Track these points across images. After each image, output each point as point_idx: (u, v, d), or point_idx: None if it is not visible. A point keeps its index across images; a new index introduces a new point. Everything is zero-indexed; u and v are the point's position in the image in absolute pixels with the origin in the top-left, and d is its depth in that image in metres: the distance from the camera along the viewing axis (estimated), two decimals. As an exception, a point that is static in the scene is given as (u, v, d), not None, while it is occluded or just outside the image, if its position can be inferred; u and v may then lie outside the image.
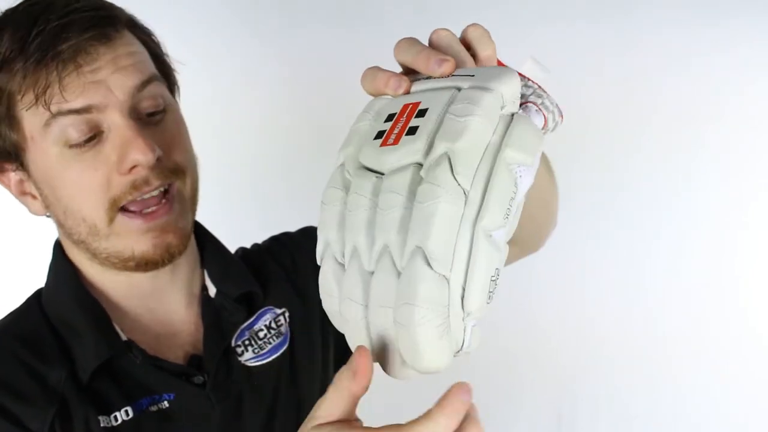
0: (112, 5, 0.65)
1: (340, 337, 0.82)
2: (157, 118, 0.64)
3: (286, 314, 0.77)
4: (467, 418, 0.39)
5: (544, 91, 0.46)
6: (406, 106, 0.43)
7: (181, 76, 0.72)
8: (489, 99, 0.40)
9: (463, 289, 0.39)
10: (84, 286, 0.69)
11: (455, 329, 0.40)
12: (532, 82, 0.46)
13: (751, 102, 1.28)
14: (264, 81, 1.25)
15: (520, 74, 0.45)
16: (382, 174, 0.41)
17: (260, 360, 0.73)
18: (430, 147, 0.40)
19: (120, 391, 0.65)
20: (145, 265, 0.65)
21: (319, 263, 0.45)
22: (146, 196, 0.63)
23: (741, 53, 1.26)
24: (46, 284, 0.71)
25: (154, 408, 0.65)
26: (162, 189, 0.64)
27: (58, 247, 0.71)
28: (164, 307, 0.71)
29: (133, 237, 0.63)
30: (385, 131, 0.42)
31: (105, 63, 0.60)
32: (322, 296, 0.45)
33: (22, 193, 0.67)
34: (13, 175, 0.66)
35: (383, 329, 0.41)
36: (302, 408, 0.75)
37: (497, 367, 1.31)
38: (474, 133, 0.39)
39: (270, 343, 0.74)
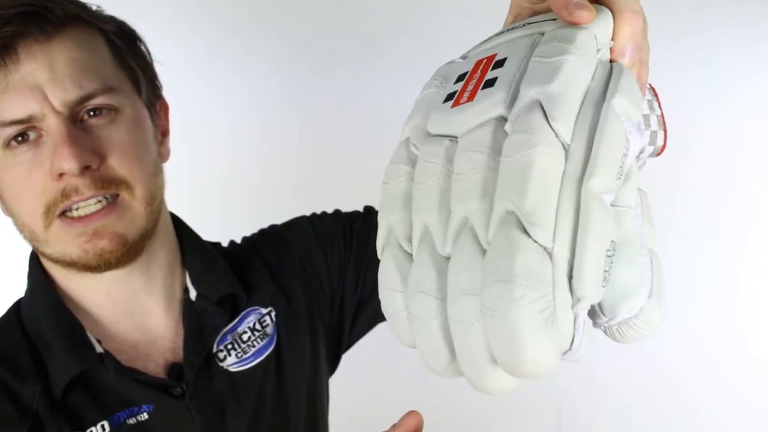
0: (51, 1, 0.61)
1: (331, 338, 0.79)
2: (100, 121, 0.62)
3: (273, 314, 0.74)
4: None
5: (661, 118, 0.40)
6: (479, 62, 0.36)
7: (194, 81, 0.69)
8: (584, 36, 0.33)
9: (571, 267, 0.29)
10: (58, 296, 0.67)
11: (562, 320, 0.29)
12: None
13: (751, 105, 1.26)
14: (271, 82, 1.23)
15: None
16: (457, 138, 0.33)
17: (244, 364, 0.70)
18: (514, 96, 0.32)
19: (96, 404, 0.62)
20: (85, 269, 0.63)
21: (379, 256, 0.35)
22: (83, 205, 0.60)
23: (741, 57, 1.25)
24: (25, 295, 0.69)
25: (132, 421, 0.63)
26: (101, 198, 0.61)
27: (33, 256, 0.69)
28: (142, 312, 0.69)
29: (66, 241, 0.61)
30: (456, 92, 0.35)
31: (39, 65, 0.58)
32: (381, 295, 0.35)
33: None
34: None
35: (467, 326, 0.30)
36: (290, 410, 0.73)
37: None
38: (570, 73, 0.32)
39: (254, 346, 0.72)
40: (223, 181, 1.20)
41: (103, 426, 0.62)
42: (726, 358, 1.34)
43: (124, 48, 0.66)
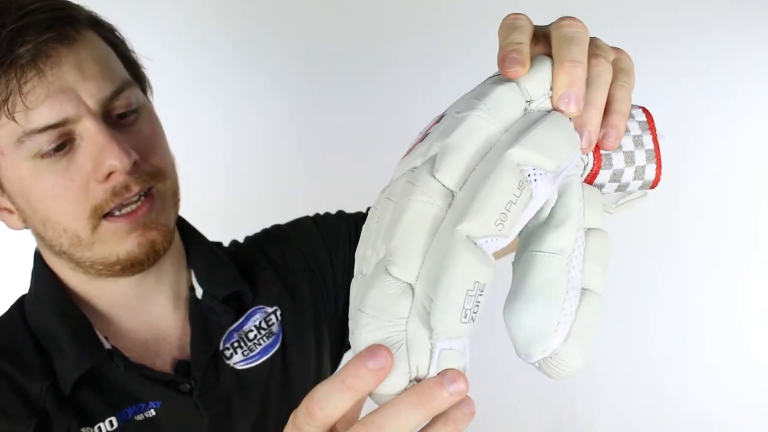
0: (69, 4, 0.61)
1: (334, 336, 0.80)
2: (129, 120, 0.62)
3: (278, 313, 0.75)
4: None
5: (653, 151, 0.41)
6: (437, 117, 0.40)
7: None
8: (498, 91, 0.36)
9: (432, 302, 0.33)
10: (66, 294, 0.67)
11: (416, 349, 0.34)
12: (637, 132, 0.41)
13: (753, 107, 1.26)
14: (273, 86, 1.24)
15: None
16: None
17: (250, 362, 0.71)
18: (429, 150, 0.36)
19: (104, 400, 0.63)
20: (131, 266, 0.63)
21: None
22: (126, 202, 0.61)
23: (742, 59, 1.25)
24: (28, 292, 0.69)
25: (140, 417, 0.63)
26: (141, 194, 0.62)
27: (38, 255, 0.69)
28: (150, 311, 0.69)
29: (118, 239, 0.61)
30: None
31: (69, 67, 0.58)
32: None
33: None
34: None
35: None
36: (296, 407, 0.74)
37: (496, 369, 1.30)
38: (469, 129, 0.35)
39: (260, 344, 0.72)
40: (222, 188, 1.21)
41: (111, 422, 0.62)
42: (727, 359, 1.33)
43: (123, 48, 0.66)
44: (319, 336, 0.78)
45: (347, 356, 0.86)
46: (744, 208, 1.32)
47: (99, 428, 0.62)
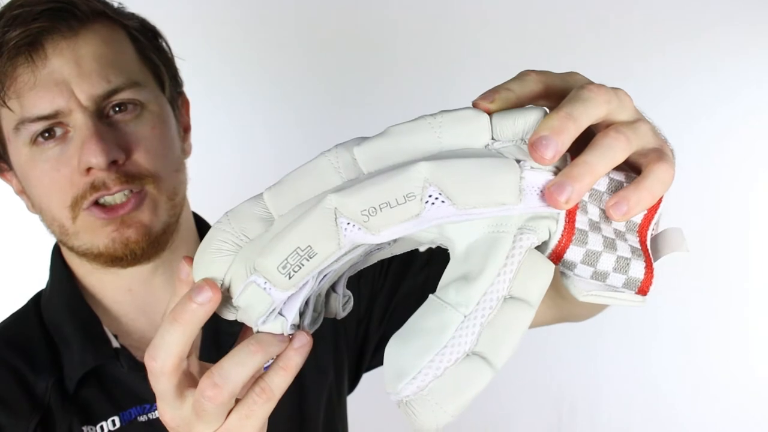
0: None
1: (352, 357, 0.79)
2: (126, 118, 0.62)
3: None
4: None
5: (641, 250, 0.35)
6: None
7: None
8: (463, 113, 0.34)
9: (271, 240, 0.35)
10: (79, 290, 0.67)
11: (237, 266, 0.36)
12: (640, 236, 0.35)
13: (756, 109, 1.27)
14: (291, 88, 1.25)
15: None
16: None
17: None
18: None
19: (109, 399, 0.63)
20: (112, 262, 0.63)
21: None
22: (109, 199, 0.61)
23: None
24: (46, 287, 0.70)
25: (143, 418, 0.63)
26: (128, 192, 0.62)
27: (56, 249, 0.70)
28: (161, 311, 0.67)
29: (94, 232, 0.62)
30: None
31: (65, 60, 0.59)
32: None
33: (20, 191, 0.67)
34: (10, 175, 0.66)
35: None
36: (306, 418, 0.72)
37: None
38: (410, 129, 0.34)
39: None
40: (225, 191, 1.21)
41: (113, 421, 0.62)
42: (726, 360, 1.33)
43: (147, 44, 0.66)
44: (337, 354, 0.76)
45: (365, 376, 0.85)
46: (745, 210, 1.32)
47: (101, 427, 0.62)
